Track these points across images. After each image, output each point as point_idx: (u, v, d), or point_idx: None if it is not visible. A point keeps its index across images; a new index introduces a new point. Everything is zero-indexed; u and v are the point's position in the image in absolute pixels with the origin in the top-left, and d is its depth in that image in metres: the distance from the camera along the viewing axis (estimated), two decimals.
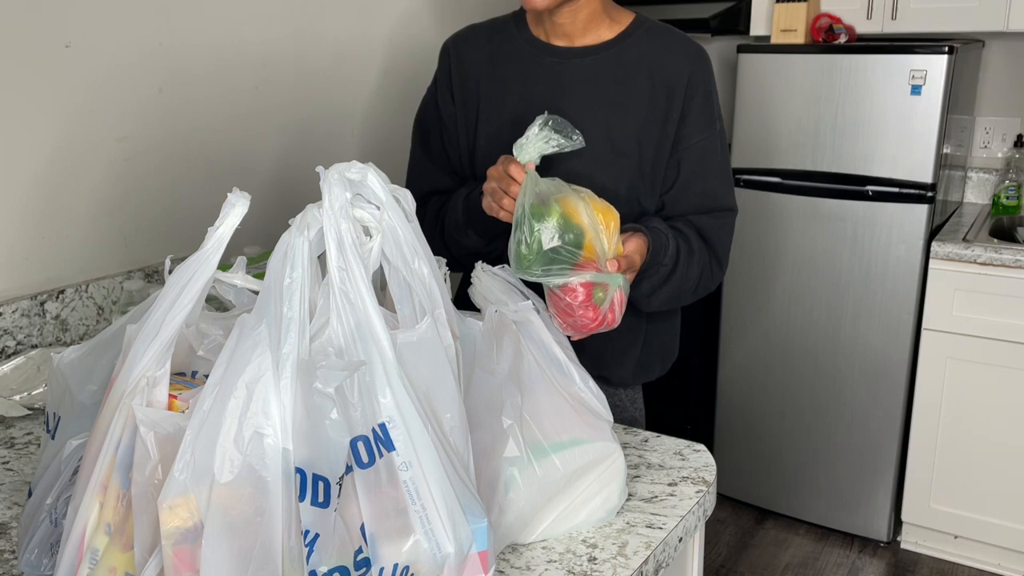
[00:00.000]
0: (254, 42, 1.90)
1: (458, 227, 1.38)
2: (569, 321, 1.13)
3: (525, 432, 0.97)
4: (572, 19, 1.36)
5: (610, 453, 1.03)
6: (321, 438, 0.75)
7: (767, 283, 2.80)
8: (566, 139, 1.15)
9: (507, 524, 0.95)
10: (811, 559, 2.75)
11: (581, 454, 1.00)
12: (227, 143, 1.87)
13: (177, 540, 0.72)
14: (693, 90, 1.37)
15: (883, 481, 2.72)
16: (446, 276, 1.00)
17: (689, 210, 1.40)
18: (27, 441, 1.25)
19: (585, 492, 1.01)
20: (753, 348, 2.87)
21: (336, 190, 0.79)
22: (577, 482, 1.00)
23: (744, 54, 2.73)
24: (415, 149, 1.52)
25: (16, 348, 1.49)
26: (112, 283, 1.63)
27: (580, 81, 1.38)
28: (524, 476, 0.95)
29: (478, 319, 1.00)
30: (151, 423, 0.74)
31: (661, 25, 1.43)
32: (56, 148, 1.55)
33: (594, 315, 1.13)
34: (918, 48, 2.48)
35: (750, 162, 2.76)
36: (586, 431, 1.02)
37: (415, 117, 1.53)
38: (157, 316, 0.78)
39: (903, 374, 2.63)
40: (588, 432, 1.02)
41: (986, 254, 2.43)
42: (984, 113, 2.98)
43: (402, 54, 2.31)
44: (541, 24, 1.40)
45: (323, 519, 0.75)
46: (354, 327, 0.78)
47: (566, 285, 1.11)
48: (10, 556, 0.95)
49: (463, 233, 1.38)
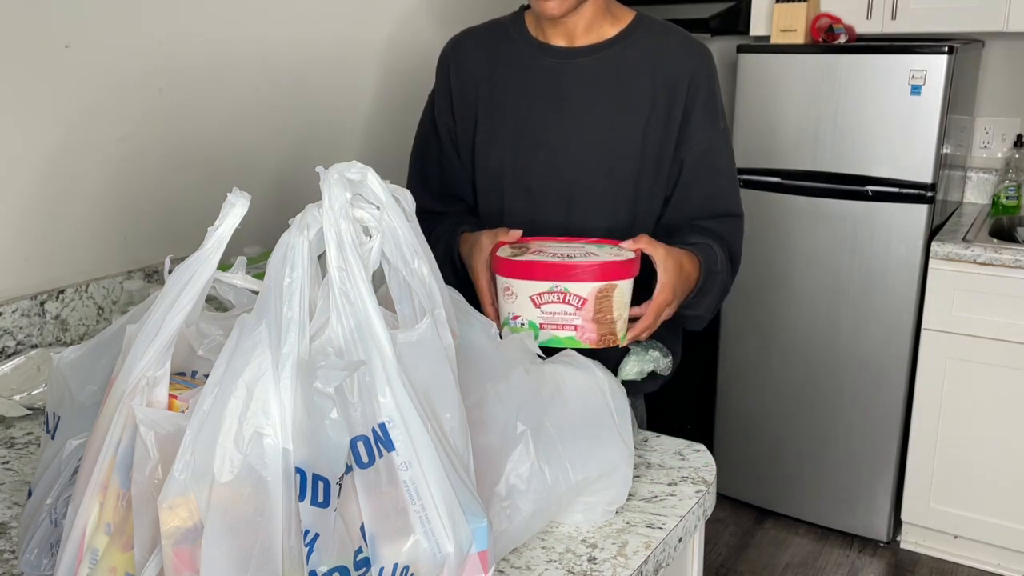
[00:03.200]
0: (254, 42, 1.90)
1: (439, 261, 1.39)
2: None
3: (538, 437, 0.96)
4: (576, 17, 1.35)
5: (623, 460, 1.03)
6: (321, 438, 0.75)
7: (767, 283, 2.80)
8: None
9: (513, 530, 0.94)
10: (811, 559, 2.75)
11: (596, 463, 1.00)
12: (227, 143, 1.87)
13: (177, 540, 0.72)
14: (696, 88, 1.36)
15: (883, 481, 2.72)
16: None
17: (694, 213, 1.38)
18: (27, 441, 1.25)
19: (590, 497, 1.01)
20: (753, 348, 2.87)
21: (336, 190, 0.79)
22: (585, 489, 1.00)
23: (744, 54, 2.73)
24: (411, 172, 1.52)
25: (16, 348, 1.49)
26: (112, 283, 1.63)
27: (581, 82, 1.36)
28: (533, 482, 0.95)
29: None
30: (151, 423, 0.74)
31: (662, 23, 1.41)
32: (56, 148, 1.55)
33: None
34: (918, 48, 2.48)
35: (750, 162, 2.76)
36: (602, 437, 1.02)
37: (415, 136, 1.52)
38: (157, 316, 0.78)
39: (903, 374, 2.63)
40: (603, 438, 1.02)
41: (986, 254, 2.43)
42: (984, 113, 2.98)
43: (402, 54, 2.31)
44: (541, 24, 1.38)
45: (323, 519, 0.75)
46: (354, 327, 0.78)
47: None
48: (10, 556, 0.95)
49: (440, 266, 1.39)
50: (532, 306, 1.07)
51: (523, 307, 1.07)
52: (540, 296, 1.08)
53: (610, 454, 1.01)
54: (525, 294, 1.06)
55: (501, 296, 1.13)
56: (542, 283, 1.08)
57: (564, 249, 1.16)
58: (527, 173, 1.38)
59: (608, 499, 1.02)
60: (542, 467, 0.95)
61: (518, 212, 1.39)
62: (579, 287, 1.10)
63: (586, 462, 0.98)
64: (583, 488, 0.99)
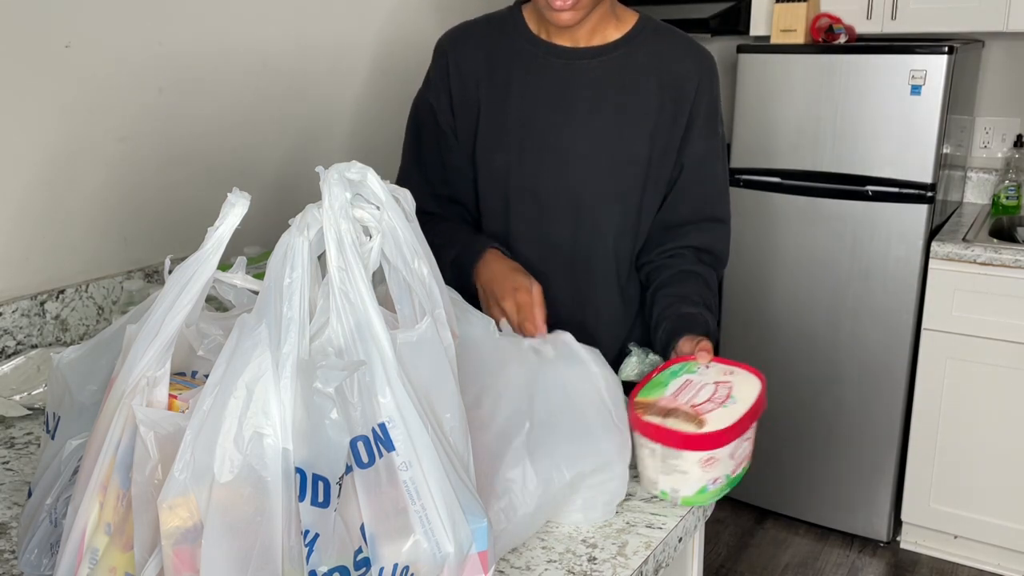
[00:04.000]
0: (254, 42, 1.90)
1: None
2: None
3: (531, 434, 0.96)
4: (582, 20, 1.33)
5: (619, 455, 1.03)
6: (321, 438, 0.75)
7: (767, 283, 2.80)
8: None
9: (512, 529, 0.94)
10: (811, 559, 2.75)
11: (590, 458, 1.00)
12: (227, 143, 1.87)
13: (177, 540, 0.72)
14: (701, 96, 1.36)
15: (883, 481, 2.72)
16: None
17: (686, 216, 1.39)
18: (27, 441, 1.25)
19: (588, 493, 1.01)
20: (753, 348, 2.87)
21: (336, 190, 0.79)
22: (581, 484, 1.00)
23: (744, 54, 2.73)
24: (406, 163, 1.48)
25: (16, 348, 1.49)
26: (112, 283, 1.63)
27: (588, 83, 1.35)
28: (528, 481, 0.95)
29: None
30: (151, 423, 0.74)
31: (667, 26, 1.40)
32: (56, 148, 1.55)
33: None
34: (918, 48, 2.48)
35: (750, 162, 2.76)
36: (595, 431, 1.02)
37: (407, 126, 1.48)
38: (157, 316, 0.78)
39: (903, 374, 2.63)
40: (596, 432, 1.02)
41: (986, 254, 2.43)
42: (984, 113, 2.98)
43: (402, 53, 2.31)
44: (543, 22, 1.36)
45: (323, 519, 0.75)
46: (354, 327, 0.78)
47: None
48: (10, 556, 0.95)
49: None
50: (729, 460, 1.07)
51: (724, 466, 1.07)
52: (736, 447, 1.07)
53: (604, 447, 1.01)
54: (727, 454, 1.06)
55: (698, 470, 1.05)
56: (738, 440, 1.06)
57: (696, 391, 1.13)
58: (533, 177, 1.37)
59: (607, 495, 1.02)
60: (535, 464, 0.95)
61: (523, 215, 1.39)
62: (753, 429, 1.10)
63: (580, 457, 0.99)
64: (579, 483, 0.99)
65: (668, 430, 1.03)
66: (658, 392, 1.12)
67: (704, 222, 1.41)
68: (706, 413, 1.05)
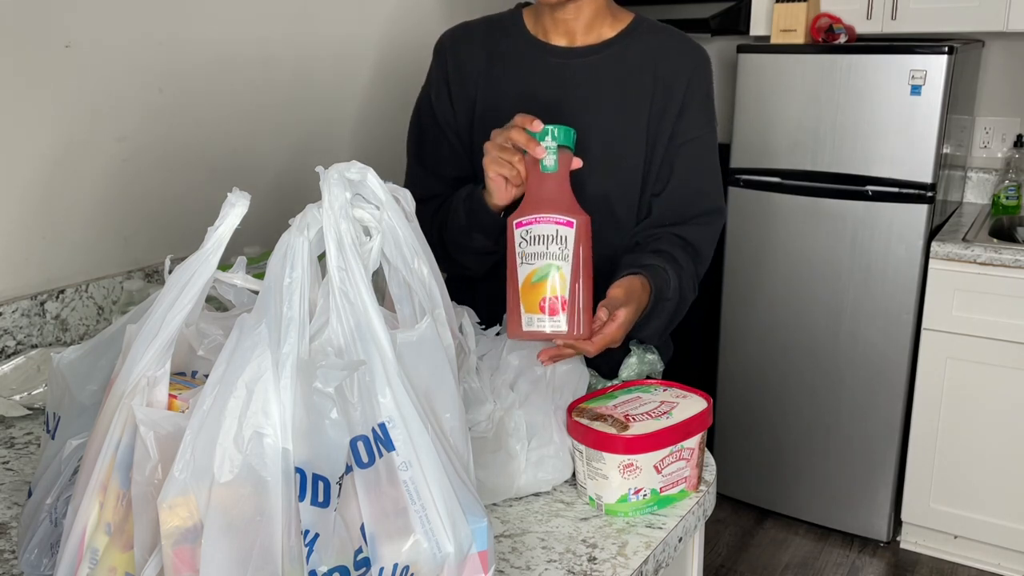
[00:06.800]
0: (254, 42, 1.90)
1: (462, 230, 1.33)
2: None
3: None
4: (576, 15, 1.35)
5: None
6: (321, 438, 0.75)
7: (767, 283, 2.80)
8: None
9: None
10: (811, 559, 2.75)
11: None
12: (227, 143, 1.87)
13: (177, 540, 0.72)
14: (693, 89, 1.37)
15: (883, 481, 2.72)
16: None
17: (680, 207, 1.38)
18: (27, 441, 1.25)
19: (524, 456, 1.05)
20: (753, 348, 2.87)
21: (336, 190, 0.79)
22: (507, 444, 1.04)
23: (744, 54, 2.73)
24: (411, 160, 1.48)
25: (16, 348, 1.49)
26: (112, 283, 1.63)
27: (583, 82, 1.36)
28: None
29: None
30: (151, 423, 0.74)
31: (662, 25, 1.42)
32: (56, 148, 1.55)
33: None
34: (918, 48, 2.48)
35: (750, 162, 2.76)
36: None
37: (410, 122, 1.49)
38: (157, 316, 0.78)
39: (903, 374, 2.63)
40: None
41: (986, 254, 2.44)
42: (984, 113, 2.98)
43: (402, 53, 2.31)
44: (540, 22, 1.39)
45: (323, 519, 0.75)
46: (354, 327, 0.78)
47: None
48: (10, 556, 0.95)
49: (468, 236, 1.33)
50: (655, 473, 1.06)
51: (648, 478, 1.05)
52: (663, 461, 1.05)
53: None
54: (649, 464, 1.05)
55: (618, 476, 1.04)
56: (665, 449, 1.04)
57: (638, 405, 1.12)
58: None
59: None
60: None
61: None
62: (692, 440, 1.08)
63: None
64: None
65: (590, 430, 1.04)
66: (602, 402, 1.12)
67: (697, 217, 1.40)
68: (635, 422, 1.05)
